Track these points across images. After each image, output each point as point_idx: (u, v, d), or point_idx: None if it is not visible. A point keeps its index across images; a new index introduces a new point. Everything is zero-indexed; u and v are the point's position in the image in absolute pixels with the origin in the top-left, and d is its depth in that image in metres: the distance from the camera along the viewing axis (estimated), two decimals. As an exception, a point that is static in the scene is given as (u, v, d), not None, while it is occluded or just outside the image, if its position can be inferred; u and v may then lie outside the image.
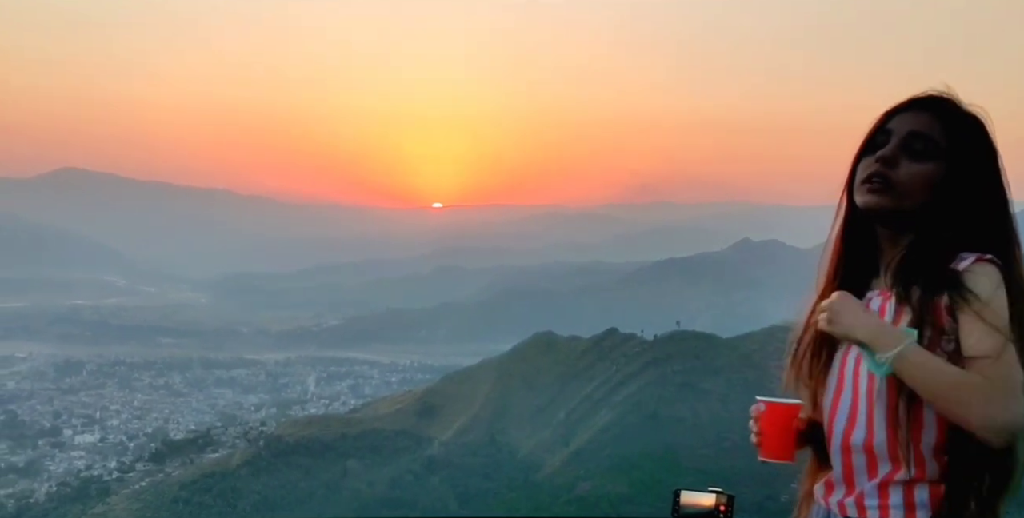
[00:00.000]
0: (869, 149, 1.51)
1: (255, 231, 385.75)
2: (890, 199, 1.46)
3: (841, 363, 1.51)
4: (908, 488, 1.39)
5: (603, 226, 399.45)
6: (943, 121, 1.47)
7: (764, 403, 1.54)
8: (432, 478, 56.88)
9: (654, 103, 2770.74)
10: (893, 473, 1.40)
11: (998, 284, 1.37)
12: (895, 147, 1.47)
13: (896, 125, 1.49)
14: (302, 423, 69.72)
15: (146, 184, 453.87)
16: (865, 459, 1.43)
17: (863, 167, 1.50)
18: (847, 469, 1.46)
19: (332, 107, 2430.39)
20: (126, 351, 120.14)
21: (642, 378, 64.86)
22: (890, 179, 1.45)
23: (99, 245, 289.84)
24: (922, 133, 1.47)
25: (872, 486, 1.41)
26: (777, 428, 1.52)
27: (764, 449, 1.53)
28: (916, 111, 1.49)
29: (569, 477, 52.26)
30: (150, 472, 60.50)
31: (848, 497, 1.45)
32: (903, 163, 1.46)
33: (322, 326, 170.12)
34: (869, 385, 1.42)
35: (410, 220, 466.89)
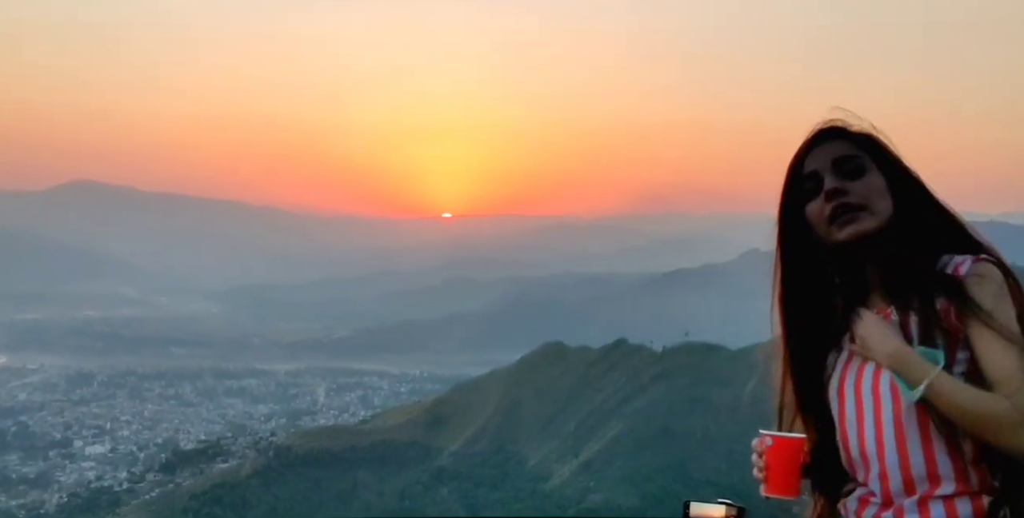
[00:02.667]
0: (800, 200, 1.51)
1: (267, 242, 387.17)
2: (869, 220, 1.45)
3: (856, 384, 1.48)
4: (949, 502, 1.36)
5: (613, 237, 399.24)
6: (851, 140, 1.50)
7: (771, 438, 1.50)
8: (441, 489, 56.81)
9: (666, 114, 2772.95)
10: (933, 489, 1.37)
11: (1001, 285, 1.38)
12: (832, 178, 1.47)
13: (815, 164, 1.50)
14: (312, 434, 69.78)
15: (158, 196, 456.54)
16: (901, 479, 1.39)
17: (814, 213, 1.49)
18: (884, 486, 1.42)
19: (344, 119, 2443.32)
20: (137, 362, 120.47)
21: (652, 389, 64.71)
22: (853, 205, 1.45)
23: (111, 257, 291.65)
24: (844, 155, 1.48)
25: (911, 502, 1.38)
26: (784, 463, 1.49)
27: (770, 485, 1.50)
28: (822, 144, 1.51)
29: (578, 488, 52.11)
30: (160, 482, 60.56)
31: (886, 511, 1.42)
32: (847, 186, 1.46)
33: (332, 337, 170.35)
34: (895, 407, 1.40)
35: (420, 231, 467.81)
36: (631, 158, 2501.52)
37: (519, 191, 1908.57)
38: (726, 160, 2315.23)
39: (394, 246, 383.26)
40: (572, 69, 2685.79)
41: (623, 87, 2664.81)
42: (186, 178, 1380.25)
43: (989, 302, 1.35)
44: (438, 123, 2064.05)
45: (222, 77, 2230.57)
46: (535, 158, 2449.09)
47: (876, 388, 1.44)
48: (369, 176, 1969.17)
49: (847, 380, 1.50)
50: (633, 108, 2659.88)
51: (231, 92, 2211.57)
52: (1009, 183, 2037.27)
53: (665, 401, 61.66)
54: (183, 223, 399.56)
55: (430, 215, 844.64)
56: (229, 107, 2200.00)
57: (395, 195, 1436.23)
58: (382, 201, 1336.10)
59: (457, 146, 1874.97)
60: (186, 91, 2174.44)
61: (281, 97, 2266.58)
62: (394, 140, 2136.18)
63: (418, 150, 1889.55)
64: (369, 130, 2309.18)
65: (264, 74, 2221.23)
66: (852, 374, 1.50)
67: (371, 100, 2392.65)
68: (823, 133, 1.52)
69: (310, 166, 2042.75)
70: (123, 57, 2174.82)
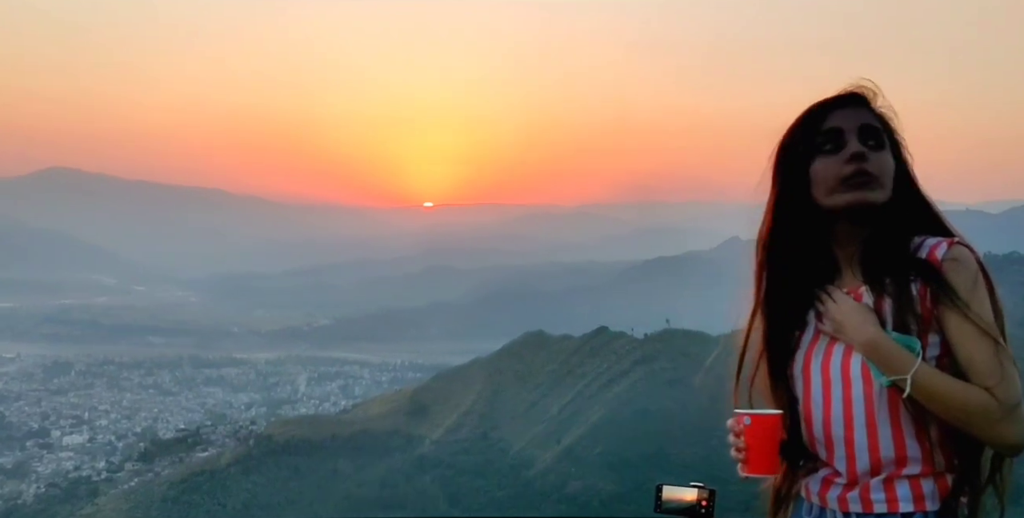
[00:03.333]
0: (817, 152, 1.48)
1: (247, 231, 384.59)
2: (877, 193, 1.44)
3: (823, 363, 1.47)
4: (914, 481, 1.38)
5: (594, 225, 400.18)
6: (872, 113, 1.50)
7: (750, 417, 1.48)
8: (423, 477, 56.78)
9: (649, 103, 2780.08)
10: (899, 470, 1.39)
11: (976, 272, 1.38)
12: (857, 142, 1.45)
13: (842, 122, 1.47)
14: (292, 422, 69.53)
15: (137, 184, 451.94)
16: (870, 460, 1.40)
17: (825, 169, 1.46)
18: (850, 467, 1.43)
19: (325, 108, 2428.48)
20: (115, 351, 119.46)
21: (632, 376, 64.96)
22: (871, 173, 1.44)
23: (89, 244, 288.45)
24: (871, 126, 1.47)
25: (878, 481, 1.40)
26: (764, 442, 1.47)
27: (751, 464, 1.48)
28: (853, 107, 1.49)
29: (560, 475, 52.28)
30: (139, 472, 60.19)
31: (851, 492, 1.43)
32: (870, 155, 1.45)
33: (313, 326, 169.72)
34: (866, 389, 1.40)
35: (401, 220, 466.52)
36: (612, 147, 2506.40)
37: (501, 180, 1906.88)
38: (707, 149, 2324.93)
39: (375, 235, 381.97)
40: (555, 59, 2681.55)
41: (606, 77, 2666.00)
42: (165, 166, 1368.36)
43: (965, 290, 1.36)
44: (420, 113, 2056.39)
45: (203, 66, 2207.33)
46: (517, 147, 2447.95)
47: (846, 369, 1.43)
48: (351, 165, 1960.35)
49: (814, 359, 1.49)
50: (615, 98, 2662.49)
51: (212, 81, 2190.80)
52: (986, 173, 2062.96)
53: (645, 387, 61.95)
54: (162, 211, 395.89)
55: (411, 204, 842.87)
56: (210, 95, 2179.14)
57: (376, 184, 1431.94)
58: (363, 190, 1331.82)
59: (439, 135, 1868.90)
60: (169, 82, 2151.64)
61: (262, 86, 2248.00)
62: (376, 129, 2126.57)
63: (400, 139, 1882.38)
64: (351, 119, 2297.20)
65: (245, 63, 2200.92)
66: (820, 353, 1.49)
67: (353, 89, 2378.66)
68: (852, 96, 1.50)
69: (291, 155, 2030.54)
70: (103, 45, 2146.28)
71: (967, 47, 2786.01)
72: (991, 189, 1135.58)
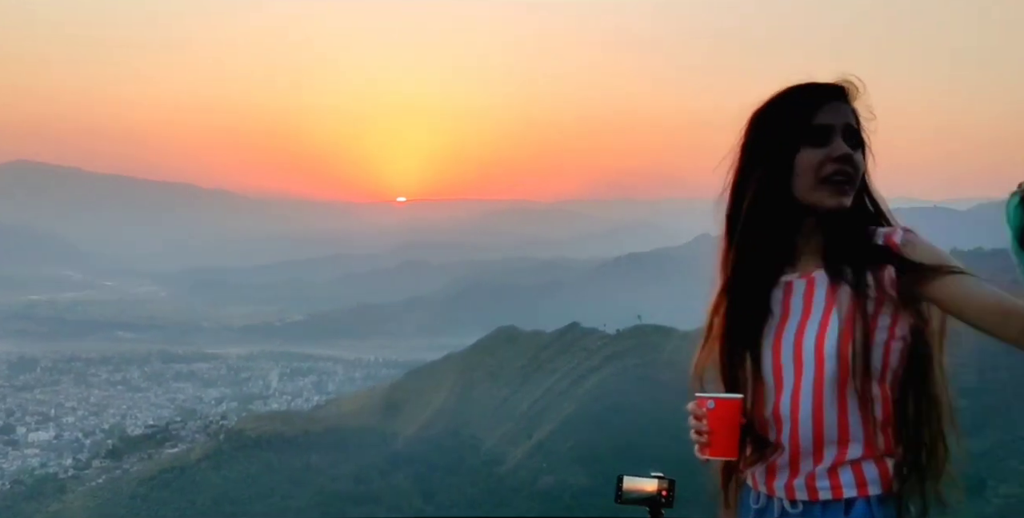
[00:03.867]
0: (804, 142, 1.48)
1: (217, 225, 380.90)
2: (851, 195, 1.48)
3: (774, 346, 1.50)
4: (857, 466, 1.41)
5: (567, 222, 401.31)
6: (853, 111, 1.51)
7: (713, 400, 1.50)
8: (396, 473, 56.77)
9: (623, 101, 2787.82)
10: (843, 454, 1.42)
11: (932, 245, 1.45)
12: (843, 143, 1.47)
13: (830, 119, 1.48)
14: (264, 418, 69.17)
15: (105, 177, 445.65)
16: (813, 439, 1.43)
17: (810, 162, 1.47)
18: (794, 453, 1.45)
19: (298, 102, 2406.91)
20: (82, 347, 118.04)
21: (603, 371, 65.38)
22: (852, 177, 1.47)
23: (56, 239, 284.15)
24: (853, 126, 1.49)
25: (822, 469, 1.42)
26: (726, 425, 1.49)
27: (713, 447, 1.50)
28: (838, 101, 1.49)
29: (532, 470, 52.53)
30: (107, 469, 59.60)
31: (796, 479, 1.45)
32: (855, 157, 1.47)
33: (286, 321, 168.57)
34: (817, 372, 1.42)
35: (374, 215, 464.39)
36: (587, 144, 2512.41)
37: (475, 176, 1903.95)
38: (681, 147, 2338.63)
39: (348, 230, 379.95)
40: (532, 56, 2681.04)
41: (583, 75, 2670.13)
42: (134, 160, 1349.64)
43: (934, 257, 1.40)
44: (395, 107, 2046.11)
45: (173, 59, 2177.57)
46: (492, 143, 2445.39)
47: (799, 352, 1.46)
48: (324, 159, 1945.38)
49: (765, 340, 1.52)
50: (592, 95, 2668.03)
51: (182, 74, 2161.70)
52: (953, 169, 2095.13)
53: (616, 383, 62.38)
54: (131, 205, 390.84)
55: (385, 199, 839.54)
56: (180, 89, 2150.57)
57: (350, 179, 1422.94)
58: (336, 185, 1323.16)
59: (414, 130, 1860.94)
60: (138, 73, 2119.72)
61: (234, 79, 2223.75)
62: (350, 124, 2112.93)
63: (374, 134, 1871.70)
64: (324, 113, 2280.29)
65: (216, 56, 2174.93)
66: (771, 335, 1.51)
67: (327, 83, 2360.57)
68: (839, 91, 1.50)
69: (263, 149, 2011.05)
70: (70, 36, 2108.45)
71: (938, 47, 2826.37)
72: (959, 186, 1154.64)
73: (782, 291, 1.53)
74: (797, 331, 1.47)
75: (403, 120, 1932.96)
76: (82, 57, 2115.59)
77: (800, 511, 1.45)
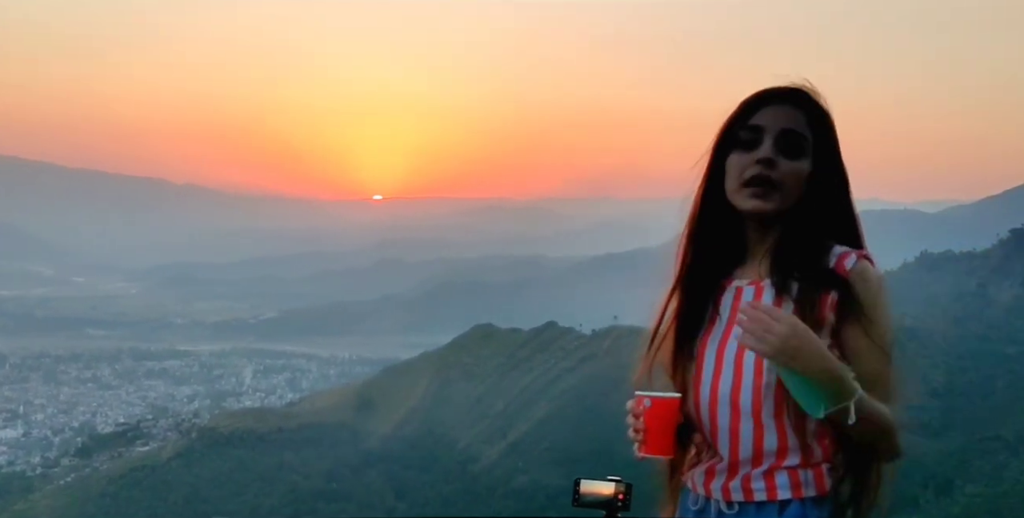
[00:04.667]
0: (736, 144, 1.50)
1: (190, 221, 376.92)
2: (775, 201, 1.46)
3: (718, 351, 1.50)
4: (793, 472, 1.43)
5: (544, 220, 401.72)
6: (807, 115, 1.48)
7: (650, 399, 1.51)
8: (369, 471, 56.56)
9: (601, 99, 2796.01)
10: (780, 461, 1.43)
11: (879, 288, 1.43)
12: (771, 147, 1.46)
13: (765, 121, 1.47)
14: (237, 415, 68.59)
15: (76, 172, 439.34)
16: (753, 450, 1.44)
17: (737, 165, 1.49)
18: (733, 457, 1.46)
19: (274, 97, 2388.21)
20: (52, 343, 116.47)
21: (579, 371, 65.53)
22: (773, 181, 1.45)
23: (24, 234, 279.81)
24: (793, 130, 1.46)
25: (759, 472, 1.44)
26: (661, 423, 1.50)
27: (648, 445, 1.51)
28: (781, 105, 1.48)
29: (507, 469, 52.57)
30: (76, 467, 58.85)
31: (733, 481, 1.47)
32: (781, 162, 1.45)
33: (259, 318, 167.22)
34: (756, 381, 1.43)
35: (350, 212, 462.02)
36: (565, 143, 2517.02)
37: (452, 173, 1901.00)
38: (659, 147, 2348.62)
39: (324, 227, 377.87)
40: (511, 55, 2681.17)
41: (562, 73, 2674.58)
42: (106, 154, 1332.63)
43: (869, 305, 1.40)
44: (371, 104, 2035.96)
45: (147, 53, 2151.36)
46: (469, 141, 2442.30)
47: (739, 359, 1.46)
48: (299, 156, 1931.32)
49: (709, 345, 1.52)
50: (570, 94, 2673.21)
51: (156, 67, 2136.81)
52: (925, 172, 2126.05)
53: (592, 383, 62.57)
54: (101, 200, 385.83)
55: (361, 196, 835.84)
56: (153, 82, 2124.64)
57: (326, 176, 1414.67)
58: (312, 181, 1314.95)
59: (390, 127, 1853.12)
60: (108, 65, 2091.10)
61: (208, 73, 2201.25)
62: (326, 120, 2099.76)
63: (350, 131, 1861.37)
64: (300, 109, 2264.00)
65: (191, 49, 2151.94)
66: (715, 340, 1.51)
67: (304, 79, 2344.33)
68: (786, 92, 1.50)
69: (237, 144, 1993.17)
70: (40, 26, 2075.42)
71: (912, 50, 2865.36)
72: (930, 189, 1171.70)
73: (732, 296, 1.53)
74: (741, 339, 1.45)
75: (381, 117, 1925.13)
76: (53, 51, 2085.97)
77: (736, 512, 1.47)
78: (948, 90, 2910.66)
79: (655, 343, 1.63)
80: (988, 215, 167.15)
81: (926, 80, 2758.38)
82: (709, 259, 1.57)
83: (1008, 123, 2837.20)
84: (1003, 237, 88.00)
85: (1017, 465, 48.99)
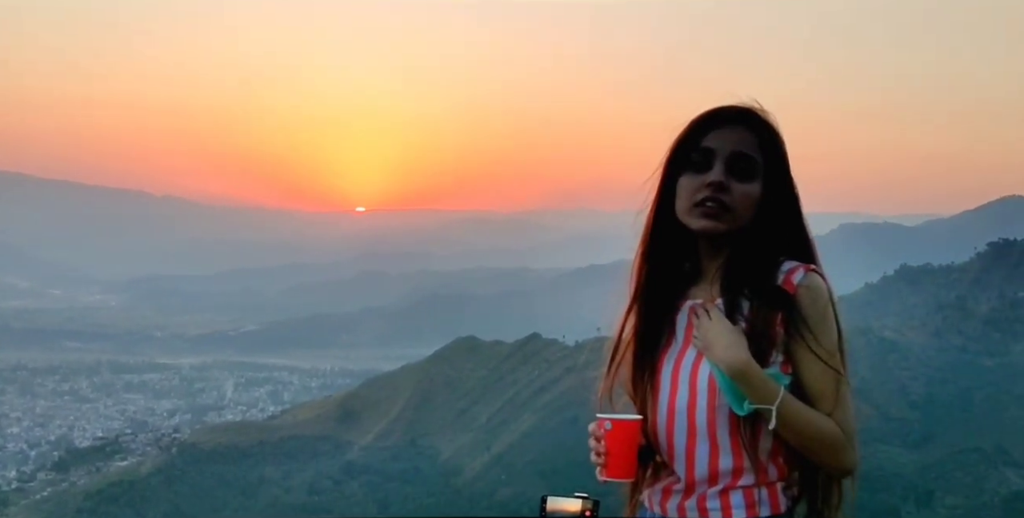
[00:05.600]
0: (687, 165, 1.49)
1: (169, 233, 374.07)
2: (727, 223, 1.46)
3: (673, 371, 1.50)
4: (748, 491, 1.43)
5: (527, 232, 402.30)
6: (757, 137, 1.48)
7: (611, 421, 1.48)
8: (351, 483, 56.21)
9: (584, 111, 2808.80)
10: (735, 481, 1.43)
11: (827, 303, 1.43)
12: (722, 170, 1.45)
13: (716, 144, 1.47)
14: (218, 429, 68.00)
15: (52, 183, 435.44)
16: (708, 471, 1.44)
17: (688, 187, 1.48)
18: (689, 476, 1.46)
19: (255, 108, 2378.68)
20: (28, 356, 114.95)
21: (563, 383, 65.51)
22: (724, 203, 1.45)
23: (0, 245, 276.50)
24: (744, 154, 1.46)
25: (714, 492, 1.44)
26: (623, 446, 1.48)
27: (611, 469, 1.48)
28: (732, 127, 1.48)
29: (490, 482, 52.41)
30: (52, 481, 58.03)
31: (688, 500, 1.47)
32: (733, 185, 1.45)
33: (240, 330, 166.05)
34: (709, 401, 1.43)
35: (332, 224, 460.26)
36: (547, 154, 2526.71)
37: (434, 185, 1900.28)
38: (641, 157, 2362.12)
39: (306, 239, 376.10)
40: (491, 65, 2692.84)
41: (544, 85, 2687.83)
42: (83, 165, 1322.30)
43: (814, 321, 1.42)
44: (353, 115, 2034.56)
45: (124, 60, 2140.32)
46: (452, 153, 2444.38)
47: (694, 379, 1.46)
48: (280, 166, 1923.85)
49: (665, 364, 1.51)
50: (553, 106, 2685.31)
51: (133, 76, 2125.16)
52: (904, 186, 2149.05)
53: (576, 395, 62.52)
54: (79, 212, 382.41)
55: (343, 208, 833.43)
56: (131, 92, 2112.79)
57: (308, 188, 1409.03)
58: (294, 193, 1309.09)
59: (372, 139, 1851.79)
60: (86, 74, 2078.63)
61: (187, 82, 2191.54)
62: (308, 131, 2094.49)
63: (332, 142, 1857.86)
64: (281, 119, 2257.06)
65: (170, 58, 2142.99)
66: (671, 359, 1.51)
67: (284, 88, 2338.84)
68: (735, 112, 1.50)
69: (217, 155, 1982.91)
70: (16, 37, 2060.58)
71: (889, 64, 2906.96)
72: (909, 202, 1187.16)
73: (687, 315, 1.53)
74: (695, 359, 1.47)
75: (363, 128, 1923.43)
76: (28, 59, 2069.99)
77: None
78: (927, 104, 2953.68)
79: (614, 362, 1.62)
80: (966, 229, 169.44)
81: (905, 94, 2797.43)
82: (664, 278, 1.57)
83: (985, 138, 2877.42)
84: (981, 251, 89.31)
85: (996, 476, 49.47)
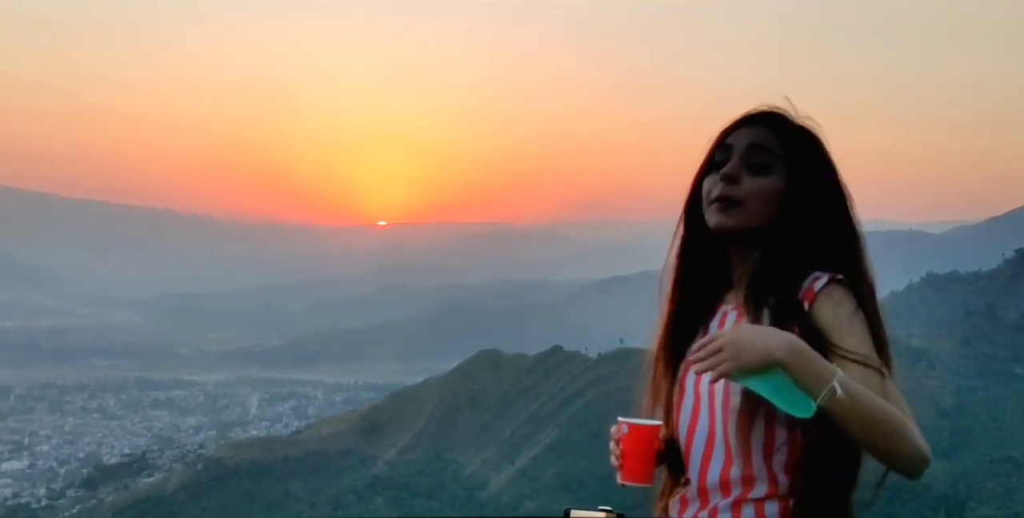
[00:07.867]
0: (711, 167, 1.52)
1: (195, 250, 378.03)
2: (738, 217, 1.45)
3: (695, 383, 1.49)
4: (759, 504, 1.41)
5: (548, 244, 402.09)
6: (778, 133, 1.49)
7: (627, 425, 1.49)
8: (376, 498, 56.19)
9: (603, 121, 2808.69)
10: (747, 492, 1.42)
11: (853, 308, 1.38)
12: (737, 163, 1.47)
13: (735, 140, 1.50)
14: (243, 445, 68.32)
15: (80, 202, 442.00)
16: (720, 481, 1.44)
17: (707, 185, 1.50)
18: (701, 482, 1.46)
19: (277, 124, 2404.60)
20: (57, 374, 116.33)
21: (586, 396, 65.27)
22: (735, 197, 1.45)
23: (29, 265, 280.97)
24: (760, 145, 1.47)
25: (726, 504, 1.43)
26: (639, 450, 1.48)
27: (626, 472, 1.48)
28: (752, 126, 1.51)
29: (514, 496, 52.22)
30: (82, 499, 58.56)
31: (702, 511, 1.46)
32: (745, 179, 1.46)
33: (264, 346, 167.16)
34: (724, 411, 1.42)
35: (354, 238, 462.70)
36: (567, 165, 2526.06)
37: (454, 198, 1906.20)
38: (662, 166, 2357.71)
39: (328, 254, 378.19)
40: (508, 77, 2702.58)
41: (561, 95, 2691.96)
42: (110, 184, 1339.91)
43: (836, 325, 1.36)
44: (374, 130, 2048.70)
45: (149, 79, 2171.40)
46: (472, 166, 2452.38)
47: (712, 390, 1.44)
48: (303, 182, 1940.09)
49: (689, 374, 1.51)
50: (570, 116, 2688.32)
51: (158, 95, 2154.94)
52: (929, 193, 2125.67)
53: (600, 407, 62.27)
54: (106, 231, 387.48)
55: (365, 222, 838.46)
56: (157, 111, 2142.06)
57: (330, 203, 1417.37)
58: (316, 209, 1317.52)
59: (393, 153, 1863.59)
60: (110, 93, 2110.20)
61: (211, 101, 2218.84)
62: (330, 146, 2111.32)
63: (353, 157, 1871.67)
64: (304, 136, 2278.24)
65: (194, 77, 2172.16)
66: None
67: (306, 105, 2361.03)
68: (763, 115, 1.52)
69: (241, 173, 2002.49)
70: (42, 51, 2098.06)
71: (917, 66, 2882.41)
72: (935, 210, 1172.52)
73: (718, 322, 1.53)
74: None
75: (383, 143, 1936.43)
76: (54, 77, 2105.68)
77: None
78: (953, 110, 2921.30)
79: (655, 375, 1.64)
80: (993, 235, 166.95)
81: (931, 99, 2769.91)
82: (698, 283, 1.57)
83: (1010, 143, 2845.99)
84: (1009, 257, 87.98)
85: (1030, 486, 48.52)
